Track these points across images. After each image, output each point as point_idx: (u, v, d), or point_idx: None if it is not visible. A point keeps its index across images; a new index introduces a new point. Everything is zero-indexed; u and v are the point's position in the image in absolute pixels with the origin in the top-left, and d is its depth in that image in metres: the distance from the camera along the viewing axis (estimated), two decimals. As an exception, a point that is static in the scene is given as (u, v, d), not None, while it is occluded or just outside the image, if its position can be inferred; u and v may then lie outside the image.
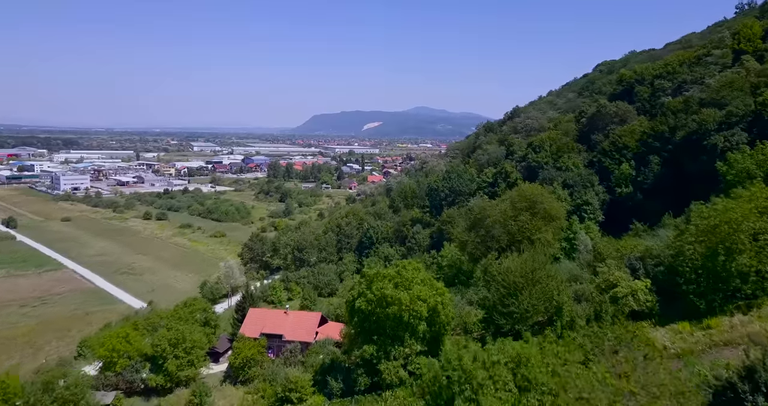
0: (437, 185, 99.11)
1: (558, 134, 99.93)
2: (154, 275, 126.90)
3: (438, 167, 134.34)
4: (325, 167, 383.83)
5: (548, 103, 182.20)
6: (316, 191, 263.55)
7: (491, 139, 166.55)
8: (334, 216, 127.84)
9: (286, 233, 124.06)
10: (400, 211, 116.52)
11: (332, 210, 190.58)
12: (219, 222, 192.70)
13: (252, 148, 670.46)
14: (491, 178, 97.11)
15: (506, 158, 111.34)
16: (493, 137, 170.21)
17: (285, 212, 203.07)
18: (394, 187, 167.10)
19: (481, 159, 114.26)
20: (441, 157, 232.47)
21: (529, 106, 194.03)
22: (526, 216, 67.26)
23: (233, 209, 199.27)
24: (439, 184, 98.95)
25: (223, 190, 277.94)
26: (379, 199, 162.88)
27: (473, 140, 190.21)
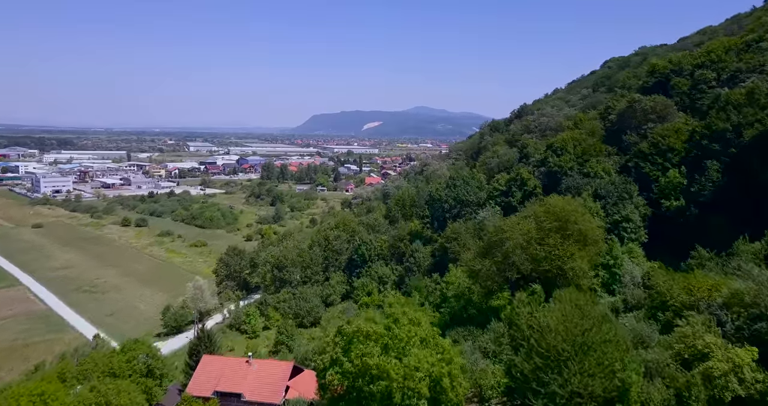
0: (440, 194, 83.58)
1: (581, 134, 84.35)
2: (119, 293, 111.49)
3: (440, 171, 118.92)
4: (321, 168, 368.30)
5: (559, 99, 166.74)
6: (311, 194, 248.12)
7: (498, 139, 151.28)
8: (323, 226, 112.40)
9: (267, 246, 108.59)
10: (397, 221, 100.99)
11: (325, 216, 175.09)
12: (202, 229, 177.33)
13: (249, 148, 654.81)
14: (504, 186, 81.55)
15: (520, 162, 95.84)
16: (500, 137, 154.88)
17: (274, 217, 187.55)
18: (391, 192, 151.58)
19: (490, 163, 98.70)
20: (442, 158, 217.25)
21: (537, 103, 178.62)
22: (556, 238, 51.91)
23: (218, 214, 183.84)
24: (442, 193, 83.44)
25: (213, 192, 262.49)
26: (375, 204, 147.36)
27: (477, 140, 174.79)
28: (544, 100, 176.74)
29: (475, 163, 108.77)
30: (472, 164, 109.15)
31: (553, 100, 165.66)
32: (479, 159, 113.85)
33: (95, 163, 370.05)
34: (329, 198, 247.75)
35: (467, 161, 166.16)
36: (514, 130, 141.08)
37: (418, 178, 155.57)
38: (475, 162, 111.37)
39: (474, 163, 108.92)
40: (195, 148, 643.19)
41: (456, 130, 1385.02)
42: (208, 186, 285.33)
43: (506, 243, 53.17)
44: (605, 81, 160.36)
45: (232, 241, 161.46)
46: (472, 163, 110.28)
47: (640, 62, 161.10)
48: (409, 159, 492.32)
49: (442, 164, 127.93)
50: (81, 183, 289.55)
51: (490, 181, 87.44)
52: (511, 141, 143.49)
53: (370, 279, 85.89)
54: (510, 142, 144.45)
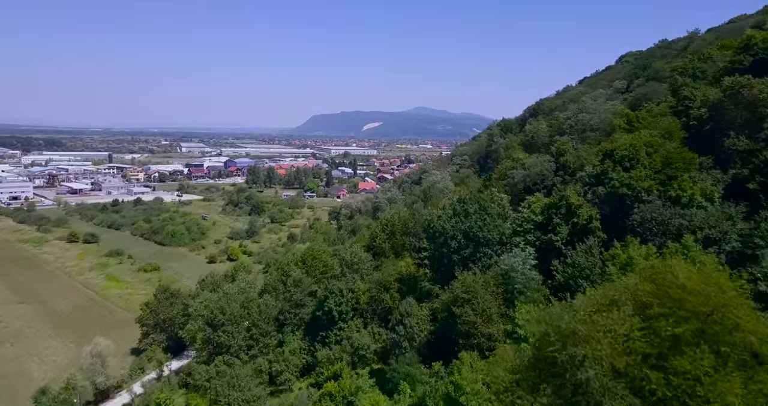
0: (444, 226, 54.94)
1: (655, 136, 55.82)
2: (17, 344, 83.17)
3: (442, 183, 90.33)
4: (314, 171, 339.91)
5: (581, 95, 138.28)
6: (297, 201, 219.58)
7: (512, 141, 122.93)
8: (285, 259, 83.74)
9: (201, 292, 79.97)
10: (384, 254, 72.61)
11: (305, 231, 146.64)
12: (162, 247, 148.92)
13: (243, 149, 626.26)
14: (541, 216, 52.99)
15: (556, 174, 67.29)
16: (514, 139, 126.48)
17: (248, 232, 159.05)
18: (382, 205, 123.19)
19: (513, 176, 70.01)
20: (444, 162, 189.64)
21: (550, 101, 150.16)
22: (694, 356, 23.74)
23: (183, 228, 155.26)
24: (447, 224, 54.79)
25: (189, 199, 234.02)
26: (363, 221, 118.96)
27: (486, 143, 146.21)
28: (566, 94, 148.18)
29: (490, 176, 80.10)
30: (486, 178, 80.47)
31: (574, 95, 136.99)
32: (496, 169, 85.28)
33: (72, 166, 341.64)
34: (318, 206, 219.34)
35: (475, 168, 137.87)
36: (533, 132, 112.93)
37: (415, 189, 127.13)
38: (490, 173, 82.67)
39: (488, 176, 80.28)
40: (187, 149, 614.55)
41: (456, 130, 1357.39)
42: (187, 192, 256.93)
43: (580, 368, 24.75)
44: (641, 71, 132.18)
45: (193, 263, 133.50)
46: (486, 177, 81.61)
47: (683, 48, 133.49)
48: (408, 161, 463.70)
49: (445, 174, 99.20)
50: (48, 188, 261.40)
51: (517, 206, 58.88)
52: (529, 144, 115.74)
53: (340, 350, 57.48)
54: (527, 146, 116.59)
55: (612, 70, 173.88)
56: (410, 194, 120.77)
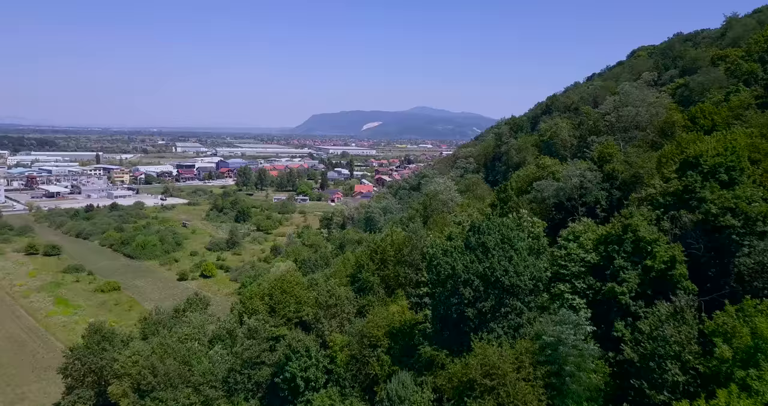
0: (454, 266, 37.84)
1: (756, 136, 38.81)
2: None
3: (446, 194, 73.18)
4: (308, 172, 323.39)
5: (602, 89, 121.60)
6: (288, 206, 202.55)
7: (525, 142, 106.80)
8: (250, 290, 66.38)
9: (142, 336, 62.79)
10: (370, 289, 55.62)
11: (289, 244, 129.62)
12: (131, 260, 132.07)
13: (239, 148, 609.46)
14: (594, 254, 35.94)
15: (601, 188, 50.11)
16: (527, 140, 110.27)
17: (229, 242, 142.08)
18: (375, 217, 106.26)
19: (542, 189, 52.92)
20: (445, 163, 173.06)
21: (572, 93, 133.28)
22: None
23: (155, 239, 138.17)
24: (457, 262, 37.70)
25: (173, 203, 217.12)
26: (351, 234, 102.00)
27: (493, 143, 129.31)
28: (580, 90, 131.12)
29: (506, 187, 62.98)
30: (501, 189, 63.35)
31: (595, 89, 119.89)
32: (512, 177, 68.46)
33: (57, 167, 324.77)
34: (310, 211, 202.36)
35: (482, 172, 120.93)
36: (550, 131, 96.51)
37: (413, 198, 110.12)
38: (506, 183, 65.54)
39: (503, 188, 63.17)
40: (182, 149, 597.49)
41: (457, 130, 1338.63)
42: (172, 195, 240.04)
43: None
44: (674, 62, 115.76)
45: (161, 280, 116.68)
46: (500, 188, 64.48)
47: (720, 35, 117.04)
48: (408, 161, 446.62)
49: (449, 182, 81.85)
50: (25, 191, 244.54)
51: (554, 239, 41.77)
52: (546, 145, 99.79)
53: (306, 436, 40.62)
54: (544, 148, 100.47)
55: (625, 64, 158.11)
56: (407, 205, 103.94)
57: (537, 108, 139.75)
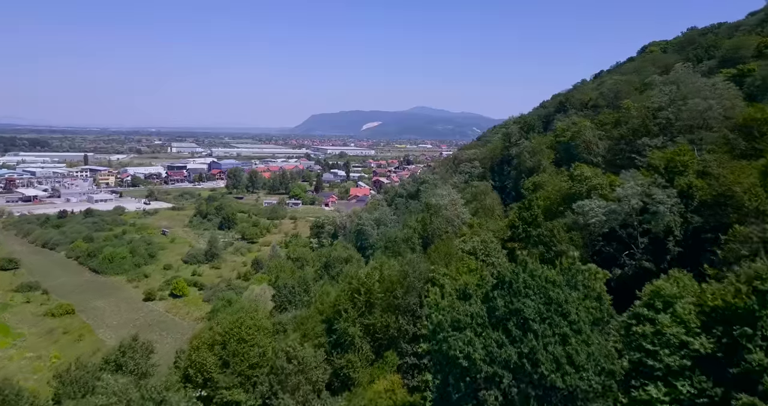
0: (470, 352, 23.50)
1: None
2: None
3: (453, 210, 58.63)
4: (303, 174, 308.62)
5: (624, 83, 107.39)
6: (278, 211, 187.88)
7: (539, 144, 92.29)
8: (200, 338, 51.93)
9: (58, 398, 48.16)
10: (351, 344, 41.22)
11: (270, 259, 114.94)
12: (97, 275, 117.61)
13: (235, 149, 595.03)
14: (706, 340, 21.43)
15: (674, 211, 35.45)
16: (541, 141, 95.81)
17: (208, 254, 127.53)
18: (368, 230, 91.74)
19: (588, 212, 38.25)
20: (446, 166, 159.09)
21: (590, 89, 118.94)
22: None
23: (125, 251, 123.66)
24: (476, 343, 23.45)
25: (156, 208, 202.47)
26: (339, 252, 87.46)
27: (500, 145, 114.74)
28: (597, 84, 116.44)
29: (530, 203, 48.50)
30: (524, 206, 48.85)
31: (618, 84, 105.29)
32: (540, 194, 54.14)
33: (42, 168, 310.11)
34: (302, 216, 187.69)
35: (489, 178, 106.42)
36: (572, 131, 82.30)
37: (411, 209, 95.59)
38: (530, 199, 51.01)
39: (527, 204, 48.73)
40: (177, 149, 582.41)
41: (456, 130, 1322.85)
42: (157, 198, 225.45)
43: None
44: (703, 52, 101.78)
45: (126, 300, 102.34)
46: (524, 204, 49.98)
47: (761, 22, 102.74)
48: (407, 162, 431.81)
49: (454, 194, 67.06)
50: (3, 194, 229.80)
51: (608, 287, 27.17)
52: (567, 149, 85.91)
53: None
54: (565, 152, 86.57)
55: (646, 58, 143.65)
56: (403, 216, 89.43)
57: (549, 105, 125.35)
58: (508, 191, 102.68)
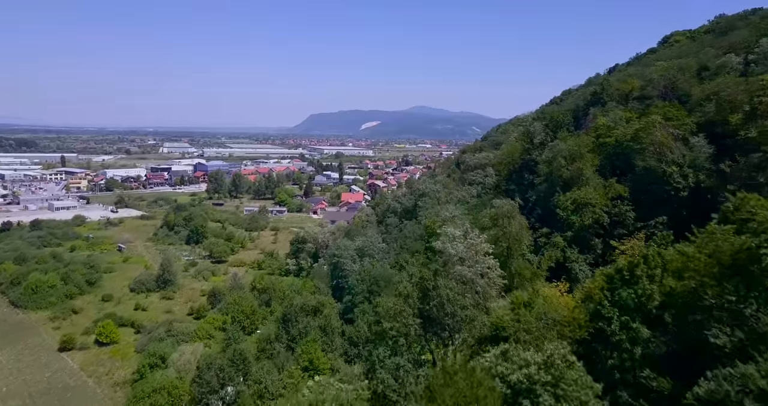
0: None
1: None
2: None
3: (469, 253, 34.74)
4: (295, 176, 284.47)
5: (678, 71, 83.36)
6: (258, 221, 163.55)
7: (579, 146, 68.35)
8: None
9: None
10: None
11: (231, 290, 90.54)
12: (15, 309, 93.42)
13: (229, 149, 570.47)
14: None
15: None
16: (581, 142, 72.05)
17: (160, 280, 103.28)
18: (347, 264, 67.42)
19: None
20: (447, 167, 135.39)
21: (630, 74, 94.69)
22: None
23: (56, 278, 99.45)
24: None
25: (123, 217, 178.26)
26: (305, 295, 63.13)
27: (519, 147, 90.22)
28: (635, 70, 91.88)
29: (633, 271, 24.12)
30: (626, 271, 24.57)
31: (672, 70, 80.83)
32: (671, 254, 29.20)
33: (15, 171, 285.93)
34: (285, 226, 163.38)
35: (503, 186, 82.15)
36: (639, 128, 58.28)
37: (406, 231, 71.19)
38: (628, 271, 26.35)
39: (626, 271, 24.54)
40: (169, 149, 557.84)
41: (456, 130, 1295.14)
42: (127, 205, 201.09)
43: None
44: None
45: (33, 351, 78.07)
46: (626, 270, 25.50)
47: None
48: (406, 163, 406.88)
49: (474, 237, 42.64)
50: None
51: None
52: (615, 153, 61.93)
53: None
54: (611, 155, 62.48)
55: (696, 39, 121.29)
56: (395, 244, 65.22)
57: (577, 98, 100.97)
58: (530, 207, 78.56)
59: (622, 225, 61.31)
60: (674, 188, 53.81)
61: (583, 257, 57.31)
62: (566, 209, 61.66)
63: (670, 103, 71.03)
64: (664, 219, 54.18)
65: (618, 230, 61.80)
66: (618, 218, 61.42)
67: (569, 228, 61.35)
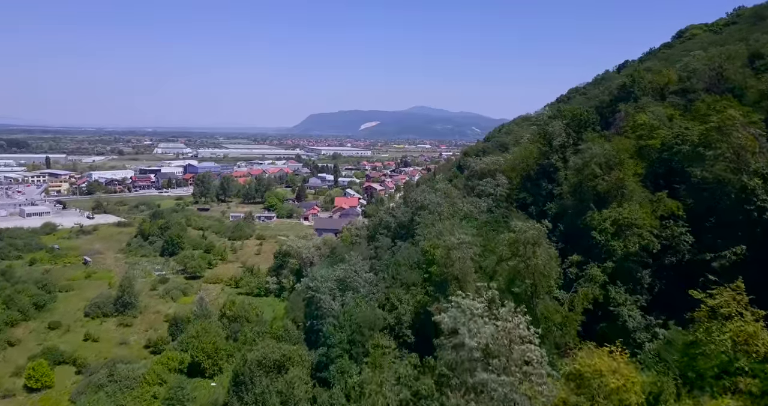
0: None
1: None
2: None
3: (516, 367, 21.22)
4: (289, 178, 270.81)
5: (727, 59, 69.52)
6: (243, 229, 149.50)
7: (619, 150, 53.77)
8: None
9: None
10: None
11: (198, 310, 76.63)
12: (-56, 339, 79.36)
13: (225, 150, 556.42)
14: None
15: None
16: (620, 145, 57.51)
17: (118, 303, 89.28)
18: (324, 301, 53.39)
19: None
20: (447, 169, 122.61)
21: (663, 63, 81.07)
22: None
23: None
24: None
25: (98, 223, 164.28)
26: (268, 342, 49.22)
27: (536, 150, 76.34)
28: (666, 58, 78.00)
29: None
30: None
31: (718, 59, 66.85)
32: None
33: None
34: (272, 234, 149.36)
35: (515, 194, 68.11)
36: (710, 126, 43.60)
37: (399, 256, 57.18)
38: None
39: None
40: (163, 150, 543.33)
41: (456, 130, 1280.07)
42: (106, 211, 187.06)
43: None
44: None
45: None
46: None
47: None
48: (404, 164, 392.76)
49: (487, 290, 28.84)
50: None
51: None
52: (667, 158, 46.31)
53: None
54: (661, 162, 46.45)
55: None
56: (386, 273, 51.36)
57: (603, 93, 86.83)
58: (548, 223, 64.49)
59: (675, 252, 47.50)
60: (758, 208, 39.91)
61: (632, 299, 43.31)
62: (605, 231, 47.78)
63: (723, 97, 57.29)
64: (742, 249, 40.27)
65: (669, 257, 48.05)
66: (668, 242, 47.60)
67: (609, 256, 47.44)
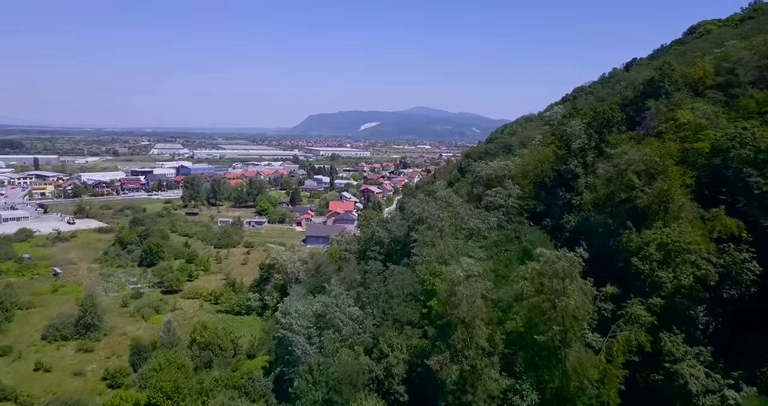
0: None
1: None
2: None
3: None
4: (284, 180, 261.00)
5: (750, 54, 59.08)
6: (230, 236, 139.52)
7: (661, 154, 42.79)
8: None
9: None
10: None
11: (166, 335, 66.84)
12: None
13: (222, 150, 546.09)
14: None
15: None
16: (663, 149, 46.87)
17: (79, 324, 79.28)
18: (296, 347, 43.44)
19: None
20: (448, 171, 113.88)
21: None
22: None
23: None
24: None
25: (78, 229, 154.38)
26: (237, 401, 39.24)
27: (551, 153, 66.27)
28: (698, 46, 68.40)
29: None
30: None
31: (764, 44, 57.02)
32: None
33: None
34: (262, 241, 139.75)
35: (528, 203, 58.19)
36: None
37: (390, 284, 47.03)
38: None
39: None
40: (159, 151, 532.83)
41: (455, 130, 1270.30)
42: (89, 215, 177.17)
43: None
44: None
45: None
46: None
47: None
48: (404, 165, 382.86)
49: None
50: None
51: None
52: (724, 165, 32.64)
53: None
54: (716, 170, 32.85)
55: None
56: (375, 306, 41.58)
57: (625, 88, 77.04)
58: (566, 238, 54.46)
59: (735, 283, 37.64)
60: None
61: (693, 352, 33.14)
62: (648, 258, 37.77)
63: None
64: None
65: (727, 290, 38.11)
66: (726, 270, 37.73)
67: (654, 289, 37.46)
